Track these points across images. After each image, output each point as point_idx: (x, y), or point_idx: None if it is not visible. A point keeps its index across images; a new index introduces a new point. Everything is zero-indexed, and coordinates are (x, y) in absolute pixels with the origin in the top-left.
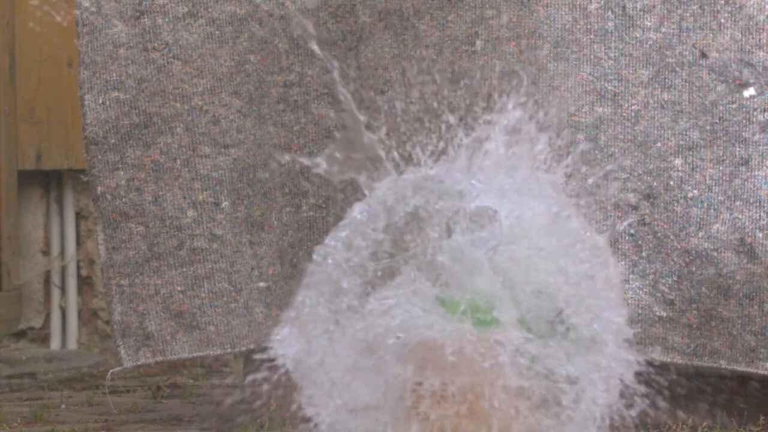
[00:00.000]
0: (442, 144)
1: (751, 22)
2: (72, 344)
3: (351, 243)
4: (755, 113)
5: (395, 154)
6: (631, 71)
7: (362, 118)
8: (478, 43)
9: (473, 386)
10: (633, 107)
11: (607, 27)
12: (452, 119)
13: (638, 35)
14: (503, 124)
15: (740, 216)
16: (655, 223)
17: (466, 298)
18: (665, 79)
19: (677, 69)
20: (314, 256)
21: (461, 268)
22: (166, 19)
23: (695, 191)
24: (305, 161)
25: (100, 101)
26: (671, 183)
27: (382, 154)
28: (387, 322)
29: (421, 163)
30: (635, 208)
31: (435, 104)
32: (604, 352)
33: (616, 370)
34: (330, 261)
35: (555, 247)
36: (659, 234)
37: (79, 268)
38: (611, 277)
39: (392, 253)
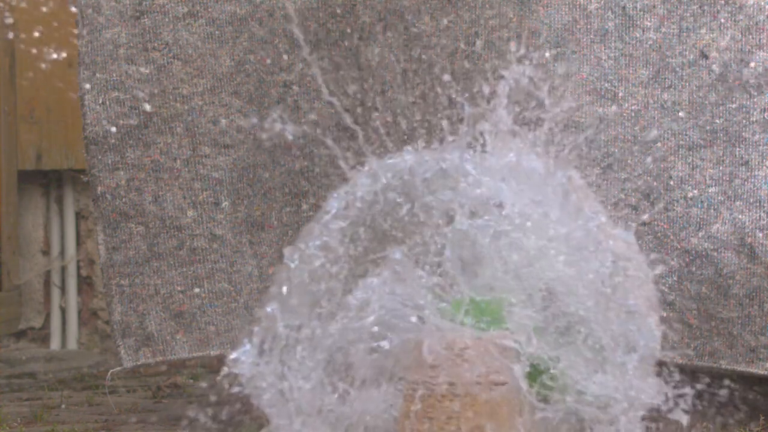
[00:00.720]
0: (437, 117)
1: (751, 22)
2: (72, 344)
3: (327, 244)
4: (755, 113)
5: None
6: (631, 71)
7: (319, 70)
8: (478, 43)
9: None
10: (633, 107)
11: (607, 27)
12: (447, 77)
13: (638, 35)
14: (511, 84)
15: (740, 216)
16: (655, 223)
17: (467, 299)
18: (665, 79)
19: (677, 69)
20: (285, 260)
21: (464, 256)
22: (166, 19)
23: (695, 191)
24: (244, 123)
25: (100, 101)
26: (671, 183)
27: (349, 119)
28: (361, 324)
29: (414, 141)
30: (635, 208)
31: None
32: (624, 377)
33: (639, 398)
34: (303, 266)
35: (569, 240)
36: (659, 234)
37: (79, 268)
38: (639, 285)
39: (374, 247)
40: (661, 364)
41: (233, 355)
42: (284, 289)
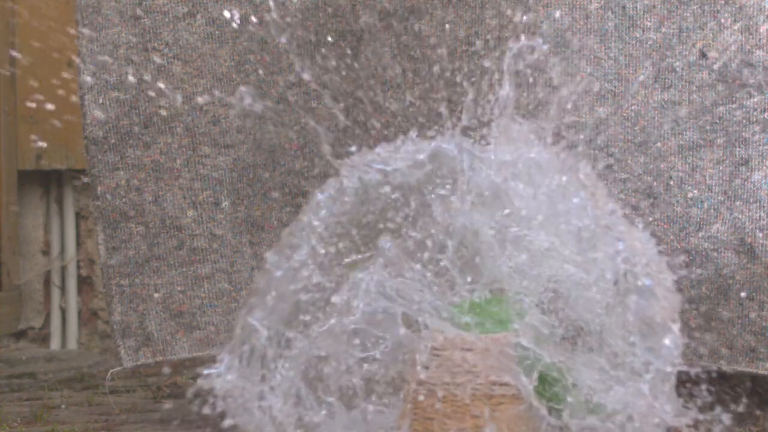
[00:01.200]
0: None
1: (751, 22)
2: (72, 344)
3: (314, 248)
4: (755, 113)
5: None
6: (631, 71)
7: (312, 77)
8: (478, 43)
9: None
10: (633, 107)
11: (607, 27)
12: (443, 52)
13: (638, 35)
14: (515, 56)
15: (740, 216)
16: (655, 223)
17: (468, 301)
18: (665, 79)
19: (677, 69)
20: (267, 265)
21: (465, 253)
22: (166, 19)
23: (695, 191)
24: (201, 100)
25: (100, 101)
26: (671, 183)
27: (331, 103)
28: (349, 321)
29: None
30: (635, 208)
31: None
32: (640, 392)
33: (657, 415)
34: (287, 272)
35: (580, 238)
36: (659, 234)
37: (79, 268)
38: (657, 291)
39: (366, 245)
40: (687, 381)
41: (209, 371)
42: (269, 297)
